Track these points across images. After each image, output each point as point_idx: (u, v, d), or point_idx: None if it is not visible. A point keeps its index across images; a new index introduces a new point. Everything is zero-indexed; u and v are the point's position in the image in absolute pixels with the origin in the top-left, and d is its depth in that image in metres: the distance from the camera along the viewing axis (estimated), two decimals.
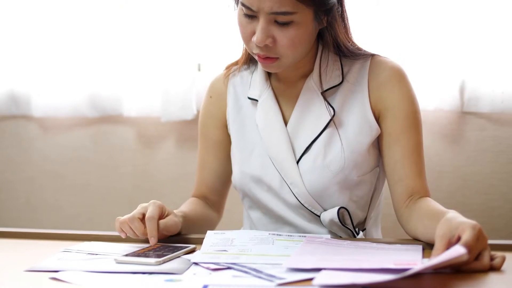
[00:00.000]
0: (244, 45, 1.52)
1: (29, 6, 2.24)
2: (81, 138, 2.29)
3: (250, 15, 1.34)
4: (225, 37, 2.07)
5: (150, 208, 1.33)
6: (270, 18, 1.32)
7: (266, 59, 1.38)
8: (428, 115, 1.96)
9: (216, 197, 1.65)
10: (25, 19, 2.25)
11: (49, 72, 2.23)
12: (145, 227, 1.32)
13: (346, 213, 1.44)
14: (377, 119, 1.45)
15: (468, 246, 1.05)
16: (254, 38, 1.34)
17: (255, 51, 1.37)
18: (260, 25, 1.33)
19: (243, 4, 1.34)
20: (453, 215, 1.14)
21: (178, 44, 2.10)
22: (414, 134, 1.43)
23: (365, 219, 1.52)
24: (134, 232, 1.32)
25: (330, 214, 1.43)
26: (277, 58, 1.38)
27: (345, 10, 1.44)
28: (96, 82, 2.21)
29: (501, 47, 1.90)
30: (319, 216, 1.45)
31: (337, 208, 1.43)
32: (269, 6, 1.30)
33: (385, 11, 1.96)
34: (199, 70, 2.14)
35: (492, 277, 1.06)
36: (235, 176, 1.54)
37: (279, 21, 1.32)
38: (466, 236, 1.06)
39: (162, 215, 1.35)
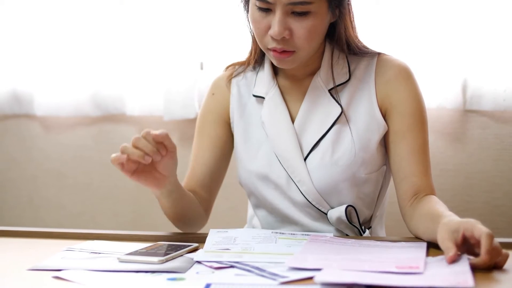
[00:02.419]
0: (252, 48, 1.52)
1: (31, 5, 2.24)
2: (84, 137, 2.29)
3: (265, 8, 1.34)
4: (228, 35, 2.07)
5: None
6: (287, 9, 1.32)
7: (282, 53, 1.37)
8: (430, 113, 1.95)
9: (205, 194, 1.58)
10: (27, 19, 2.25)
11: (52, 71, 2.23)
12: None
13: (353, 211, 1.44)
14: (384, 116, 1.45)
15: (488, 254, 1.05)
16: (271, 31, 1.34)
17: (271, 45, 1.36)
18: (277, 17, 1.32)
19: None
20: (448, 219, 1.16)
21: (181, 43, 2.10)
22: (420, 132, 1.43)
23: (371, 217, 1.52)
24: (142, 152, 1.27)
25: (338, 212, 1.43)
26: (293, 52, 1.37)
27: (351, 8, 1.44)
28: (98, 81, 2.21)
29: (503, 45, 1.90)
30: (325, 214, 1.45)
31: (344, 206, 1.43)
32: None
33: (385, 10, 1.96)
34: (201, 68, 2.14)
35: (495, 275, 1.06)
36: (241, 175, 1.53)
37: (296, 11, 1.32)
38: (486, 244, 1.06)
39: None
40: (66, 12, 2.21)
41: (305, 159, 1.45)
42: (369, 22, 1.95)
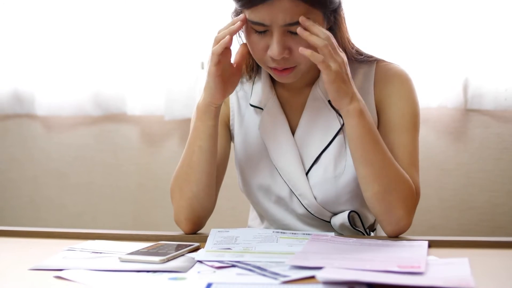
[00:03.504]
0: (247, 60, 1.48)
1: (32, 5, 2.24)
2: (85, 136, 2.29)
3: (262, 31, 1.31)
4: None
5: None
6: (283, 30, 1.29)
7: (283, 71, 1.34)
8: (431, 112, 1.96)
9: None
10: (28, 19, 2.25)
11: (53, 71, 2.24)
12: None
13: (356, 216, 1.43)
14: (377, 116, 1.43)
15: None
16: (270, 52, 1.31)
17: (272, 65, 1.34)
18: (275, 39, 1.29)
19: (253, 23, 1.30)
20: None
21: (182, 42, 2.10)
22: (410, 131, 1.40)
23: (375, 219, 1.51)
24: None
25: (341, 219, 1.42)
26: (294, 67, 1.34)
27: (343, 13, 1.41)
28: (99, 81, 2.21)
29: (505, 45, 1.90)
30: (328, 222, 1.44)
31: (347, 212, 1.42)
32: (282, 19, 1.27)
33: (386, 9, 1.96)
34: (202, 68, 2.14)
35: (496, 275, 1.06)
36: (243, 185, 1.51)
37: (293, 31, 1.29)
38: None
39: None
40: (67, 12, 2.21)
41: (306, 173, 1.42)
42: (370, 22, 1.95)
